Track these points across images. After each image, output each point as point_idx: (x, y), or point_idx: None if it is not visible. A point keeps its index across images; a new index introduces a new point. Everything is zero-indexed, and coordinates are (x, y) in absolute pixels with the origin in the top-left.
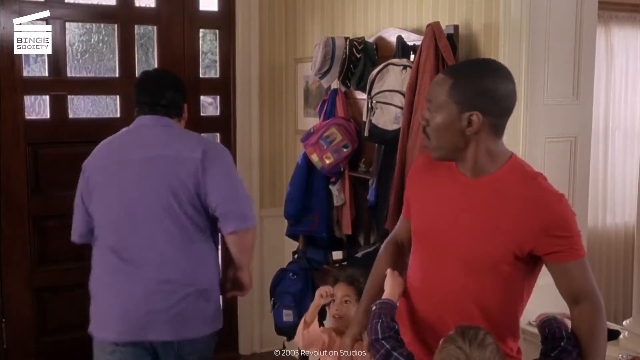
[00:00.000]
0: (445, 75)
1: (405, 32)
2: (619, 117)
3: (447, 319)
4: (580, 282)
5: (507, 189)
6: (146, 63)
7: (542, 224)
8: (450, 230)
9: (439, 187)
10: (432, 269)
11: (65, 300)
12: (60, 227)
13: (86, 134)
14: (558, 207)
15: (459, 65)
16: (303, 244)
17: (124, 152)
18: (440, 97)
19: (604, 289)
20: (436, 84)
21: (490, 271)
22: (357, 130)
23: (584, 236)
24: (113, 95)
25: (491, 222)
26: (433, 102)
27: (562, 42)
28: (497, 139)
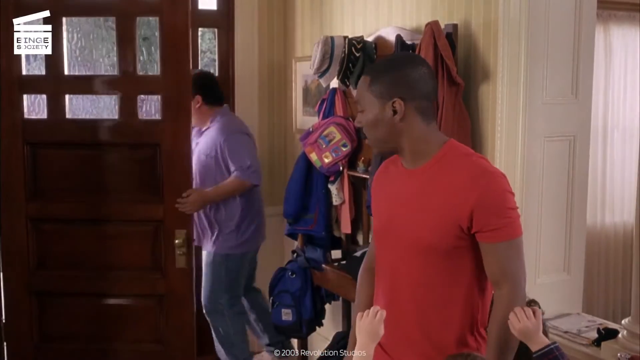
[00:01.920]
0: (364, 75)
1: (404, 31)
2: (617, 116)
3: (408, 312)
4: (504, 265)
5: (443, 171)
6: (148, 61)
7: (476, 200)
8: (398, 222)
9: (389, 184)
10: (389, 266)
11: (65, 304)
12: (59, 230)
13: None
14: (494, 184)
15: (374, 63)
16: (302, 243)
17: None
18: (364, 96)
19: (603, 288)
20: (359, 86)
21: (442, 256)
22: (356, 130)
23: (584, 235)
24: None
25: (431, 205)
26: (360, 103)
27: (561, 41)
28: (427, 123)
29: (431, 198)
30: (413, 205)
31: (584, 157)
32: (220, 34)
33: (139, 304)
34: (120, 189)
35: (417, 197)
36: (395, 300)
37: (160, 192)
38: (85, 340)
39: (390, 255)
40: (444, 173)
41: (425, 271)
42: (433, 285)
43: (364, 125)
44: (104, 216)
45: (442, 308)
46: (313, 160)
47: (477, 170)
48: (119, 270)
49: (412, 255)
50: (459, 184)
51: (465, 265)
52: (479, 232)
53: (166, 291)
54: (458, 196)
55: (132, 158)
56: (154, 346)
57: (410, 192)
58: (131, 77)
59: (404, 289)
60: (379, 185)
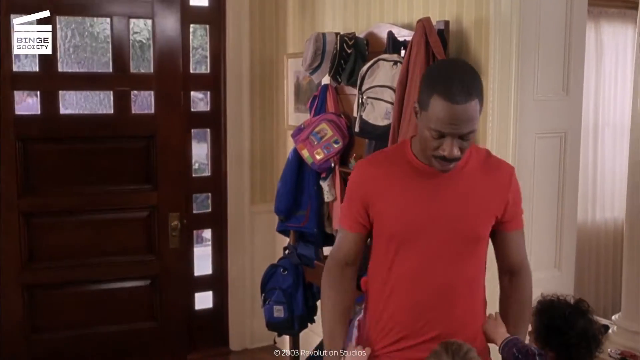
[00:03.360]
0: (474, 99)
1: (396, 28)
2: (608, 113)
3: (450, 305)
4: (522, 252)
5: (481, 169)
6: (141, 58)
7: (511, 194)
8: (442, 220)
9: (405, 185)
10: (419, 266)
11: (56, 297)
12: (51, 224)
13: (78, 131)
14: (515, 177)
15: (467, 79)
16: (294, 239)
17: None
18: (475, 119)
19: (593, 284)
20: (471, 109)
21: (481, 245)
22: (348, 126)
23: (575, 231)
24: (107, 91)
25: (478, 200)
26: (471, 128)
27: (552, 38)
28: None
29: (476, 194)
30: (459, 202)
31: (575, 153)
32: (212, 31)
33: (134, 286)
34: (115, 179)
35: (460, 194)
36: (426, 300)
37: (155, 179)
38: (79, 327)
39: (420, 256)
40: (484, 171)
41: (467, 262)
42: (471, 275)
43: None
44: (98, 206)
45: (475, 298)
46: (305, 157)
47: (511, 169)
48: (114, 256)
49: (454, 250)
50: (501, 180)
51: (485, 253)
52: (507, 222)
53: (160, 271)
54: (499, 192)
55: (126, 149)
56: (148, 323)
57: (448, 190)
58: (125, 74)
59: (441, 285)
60: (385, 186)
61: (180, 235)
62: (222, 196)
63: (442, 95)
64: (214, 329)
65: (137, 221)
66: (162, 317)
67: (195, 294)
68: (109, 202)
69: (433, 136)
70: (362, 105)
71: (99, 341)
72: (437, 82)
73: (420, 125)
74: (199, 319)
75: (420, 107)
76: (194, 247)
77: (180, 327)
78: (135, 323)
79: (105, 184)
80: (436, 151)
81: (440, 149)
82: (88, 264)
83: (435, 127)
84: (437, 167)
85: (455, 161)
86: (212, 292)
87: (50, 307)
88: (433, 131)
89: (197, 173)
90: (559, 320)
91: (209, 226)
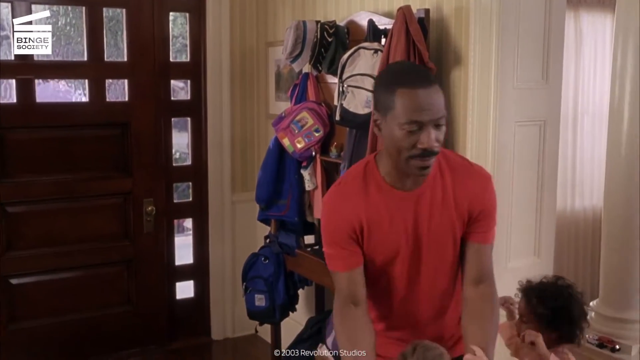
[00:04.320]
0: (435, 85)
1: (376, 16)
2: (587, 102)
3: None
4: (488, 264)
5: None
6: (115, 47)
7: (484, 205)
8: (426, 241)
9: (389, 211)
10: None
11: (33, 285)
12: (28, 212)
13: (54, 119)
14: (491, 187)
15: (420, 70)
16: (275, 228)
17: None
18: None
19: (572, 271)
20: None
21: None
22: (329, 115)
23: (554, 219)
24: (81, 80)
25: (452, 213)
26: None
27: (531, 26)
28: None
29: (451, 207)
30: (441, 221)
31: (554, 141)
32: (191, 19)
33: (109, 271)
34: (90, 166)
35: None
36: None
37: (129, 166)
38: (57, 314)
39: (405, 274)
40: (456, 182)
41: (447, 274)
42: (450, 284)
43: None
44: (74, 193)
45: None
46: (285, 146)
47: (485, 180)
48: (89, 242)
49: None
50: (474, 192)
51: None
52: (474, 233)
53: (135, 255)
54: (472, 203)
55: (101, 137)
56: (124, 307)
57: (421, 211)
58: (100, 63)
59: (422, 298)
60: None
61: (155, 221)
62: (203, 185)
63: (404, 85)
64: (196, 318)
65: (112, 207)
66: (138, 301)
67: (176, 283)
68: (84, 189)
69: (407, 131)
70: (342, 93)
71: (77, 327)
72: (394, 80)
73: (388, 131)
74: (181, 309)
75: (383, 113)
76: (174, 237)
77: (158, 313)
78: (112, 308)
79: (81, 171)
80: (413, 149)
81: (418, 143)
82: (64, 251)
83: (407, 119)
84: (414, 171)
85: (434, 155)
86: (194, 281)
87: (27, 295)
88: (405, 125)
89: (178, 162)
90: (563, 300)
91: (190, 215)
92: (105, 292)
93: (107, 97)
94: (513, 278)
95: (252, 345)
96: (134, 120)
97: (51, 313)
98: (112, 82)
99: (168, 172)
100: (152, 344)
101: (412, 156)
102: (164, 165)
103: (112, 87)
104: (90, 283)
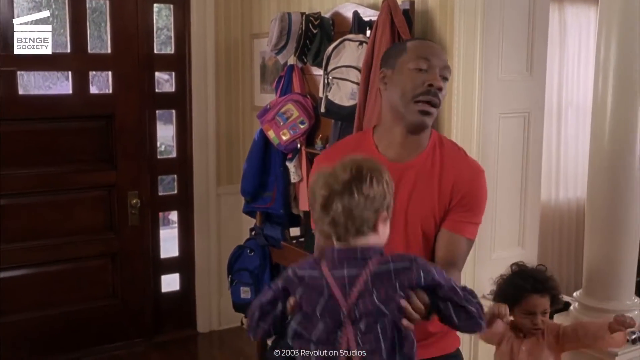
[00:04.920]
0: (436, 44)
1: (361, 8)
2: (572, 94)
3: None
4: (458, 254)
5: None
6: (99, 39)
7: (467, 194)
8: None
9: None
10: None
11: (17, 279)
12: (12, 205)
13: (37, 111)
14: (482, 180)
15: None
16: (260, 220)
17: None
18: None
19: (557, 262)
20: (441, 52)
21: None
22: (314, 106)
23: (538, 210)
24: (65, 72)
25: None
26: (448, 66)
27: (516, 19)
28: None
29: (434, 185)
30: (421, 196)
31: (538, 133)
32: (176, 10)
33: (94, 264)
34: (74, 159)
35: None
36: None
37: (113, 158)
38: (42, 308)
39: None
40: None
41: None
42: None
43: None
44: (58, 186)
45: None
46: (271, 138)
47: (476, 171)
48: (73, 235)
49: (409, 240)
50: (461, 176)
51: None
52: (449, 220)
53: (119, 248)
54: (456, 186)
55: (85, 129)
56: (110, 300)
57: (407, 182)
58: (83, 54)
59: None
60: None
61: (140, 213)
62: (188, 178)
63: (414, 41)
64: (181, 311)
65: (97, 200)
66: (123, 294)
67: (161, 276)
68: (68, 181)
69: (416, 69)
70: (327, 85)
71: (62, 321)
72: (403, 43)
73: (395, 79)
74: (166, 302)
75: (392, 64)
76: (159, 229)
77: (143, 306)
78: (97, 301)
79: (65, 163)
80: (420, 88)
81: (427, 81)
82: (49, 245)
83: (418, 56)
84: (415, 118)
85: (437, 102)
86: (179, 274)
87: (10, 289)
88: (418, 61)
89: (163, 155)
90: (508, 275)
91: (175, 208)
92: (90, 285)
93: (91, 89)
94: (497, 269)
95: (238, 338)
96: (118, 113)
97: (36, 306)
98: (95, 74)
99: (153, 164)
100: (138, 337)
101: (417, 96)
102: (148, 158)
103: (96, 79)
104: (75, 276)
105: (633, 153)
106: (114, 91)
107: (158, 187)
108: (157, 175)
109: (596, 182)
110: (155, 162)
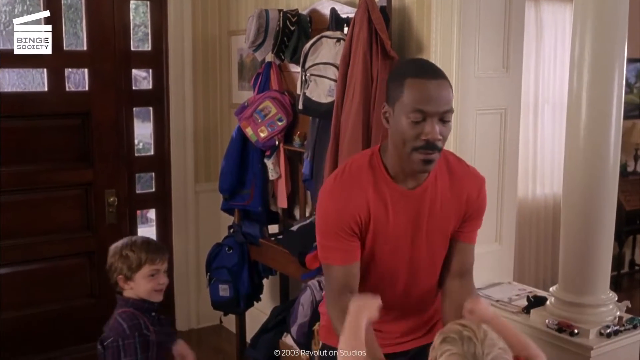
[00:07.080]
0: (444, 80)
1: (338, 5)
2: (548, 91)
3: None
4: (472, 261)
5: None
6: (74, 36)
7: (477, 208)
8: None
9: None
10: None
11: (10, 277)
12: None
13: (12, 109)
14: (484, 190)
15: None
16: (238, 218)
17: None
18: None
19: (534, 258)
20: (448, 91)
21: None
22: (292, 104)
23: (515, 206)
24: (40, 69)
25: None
26: (449, 111)
27: (492, 16)
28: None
29: (448, 207)
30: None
31: (515, 130)
32: (152, 7)
33: (71, 263)
34: (50, 157)
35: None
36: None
37: (90, 157)
38: (18, 308)
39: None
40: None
41: (438, 271)
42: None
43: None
44: (34, 184)
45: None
46: (249, 135)
47: (480, 182)
48: (50, 234)
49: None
50: (470, 192)
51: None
52: (462, 232)
53: (97, 247)
54: (468, 203)
55: (61, 127)
56: (87, 300)
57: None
58: (59, 52)
59: (415, 293)
60: (381, 210)
61: (117, 211)
62: (166, 175)
63: (415, 75)
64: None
65: (74, 198)
66: (101, 294)
67: None
68: (44, 180)
69: (412, 121)
70: (305, 82)
71: (40, 320)
72: (406, 70)
73: (395, 121)
74: None
75: (392, 103)
76: (137, 227)
77: None
78: (75, 300)
79: (41, 162)
80: (417, 140)
81: (422, 135)
82: (25, 244)
83: (413, 108)
84: (417, 166)
85: (437, 151)
86: None
87: (5, 288)
88: (411, 114)
89: (141, 152)
90: None
91: (153, 206)
92: (67, 284)
93: (67, 87)
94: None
95: (217, 336)
96: (94, 110)
97: (13, 306)
98: (72, 71)
99: (130, 162)
100: None
101: (416, 148)
102: (125, 156)
103: (72, 76)
104: (52, 275)
105: (608, 149)
106: (90, 88)
107: (136, 184)
108: (134, 173)
109: (572, 178)
110: (132, 160)
